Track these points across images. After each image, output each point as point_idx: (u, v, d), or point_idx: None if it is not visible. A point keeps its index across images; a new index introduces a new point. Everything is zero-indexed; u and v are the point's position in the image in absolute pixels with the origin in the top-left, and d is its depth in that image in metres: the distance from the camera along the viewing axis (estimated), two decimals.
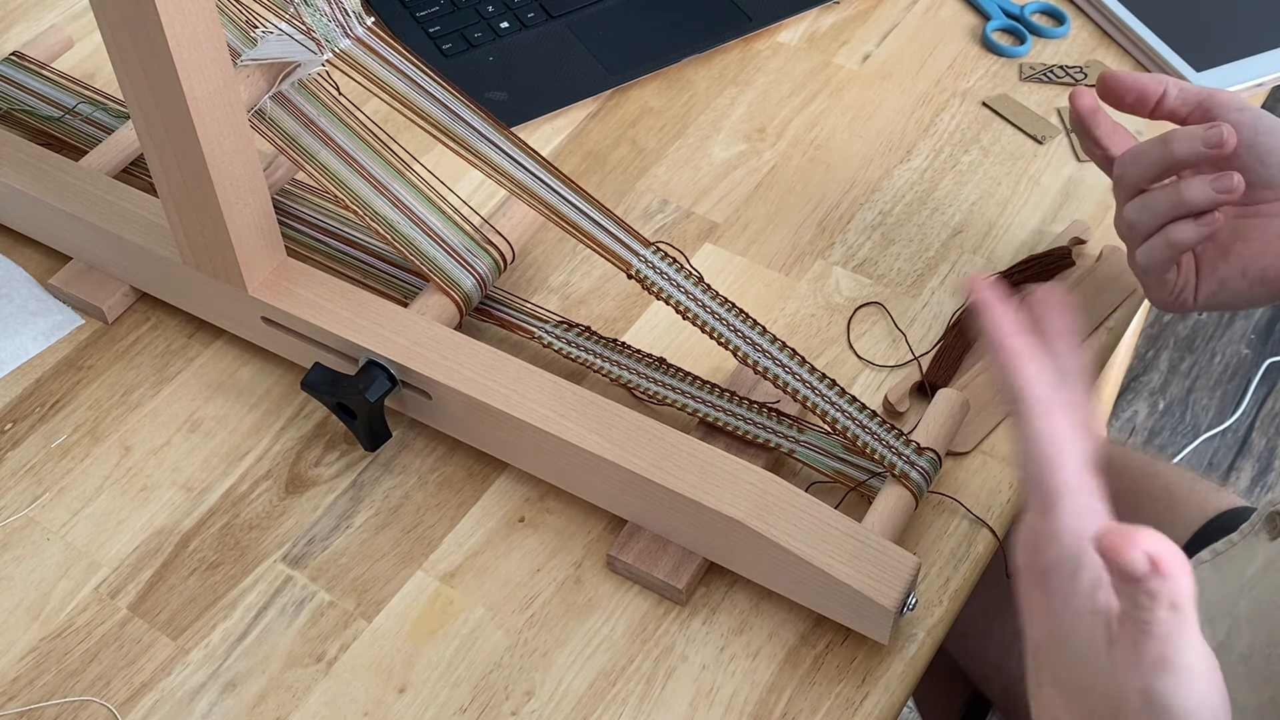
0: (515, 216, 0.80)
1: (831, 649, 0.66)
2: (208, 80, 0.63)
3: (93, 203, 0.78)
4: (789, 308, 0.81)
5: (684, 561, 0.68)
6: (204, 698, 0.66)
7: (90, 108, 0.88)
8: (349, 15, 0.73)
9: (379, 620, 0.68)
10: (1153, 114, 0.71)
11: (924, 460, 0.68)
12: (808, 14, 0.99)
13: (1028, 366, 0.51)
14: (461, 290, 0.76)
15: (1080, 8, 0.99)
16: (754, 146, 0.90)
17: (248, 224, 0.71)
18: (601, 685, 0.66)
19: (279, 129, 0.73)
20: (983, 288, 0.52)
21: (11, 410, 0.77)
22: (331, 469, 0.74)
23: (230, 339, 0.80)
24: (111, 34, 0.62)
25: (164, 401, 0.77)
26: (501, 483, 0.73)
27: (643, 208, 0.87)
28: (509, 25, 0.97)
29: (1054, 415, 0.50)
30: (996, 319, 0.51)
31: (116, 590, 0.70)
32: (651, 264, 0.72)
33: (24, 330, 0.79)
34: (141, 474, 0.74)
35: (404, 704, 0.65)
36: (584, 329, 0.76)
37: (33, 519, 0.72)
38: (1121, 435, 1.76)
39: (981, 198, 0.86)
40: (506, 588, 0.69)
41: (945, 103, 0.93)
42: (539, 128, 0.92)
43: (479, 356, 0.71)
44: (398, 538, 0.71)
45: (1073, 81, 0.93)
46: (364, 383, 0.70)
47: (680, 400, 0.72)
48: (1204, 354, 1.84)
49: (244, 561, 0.70)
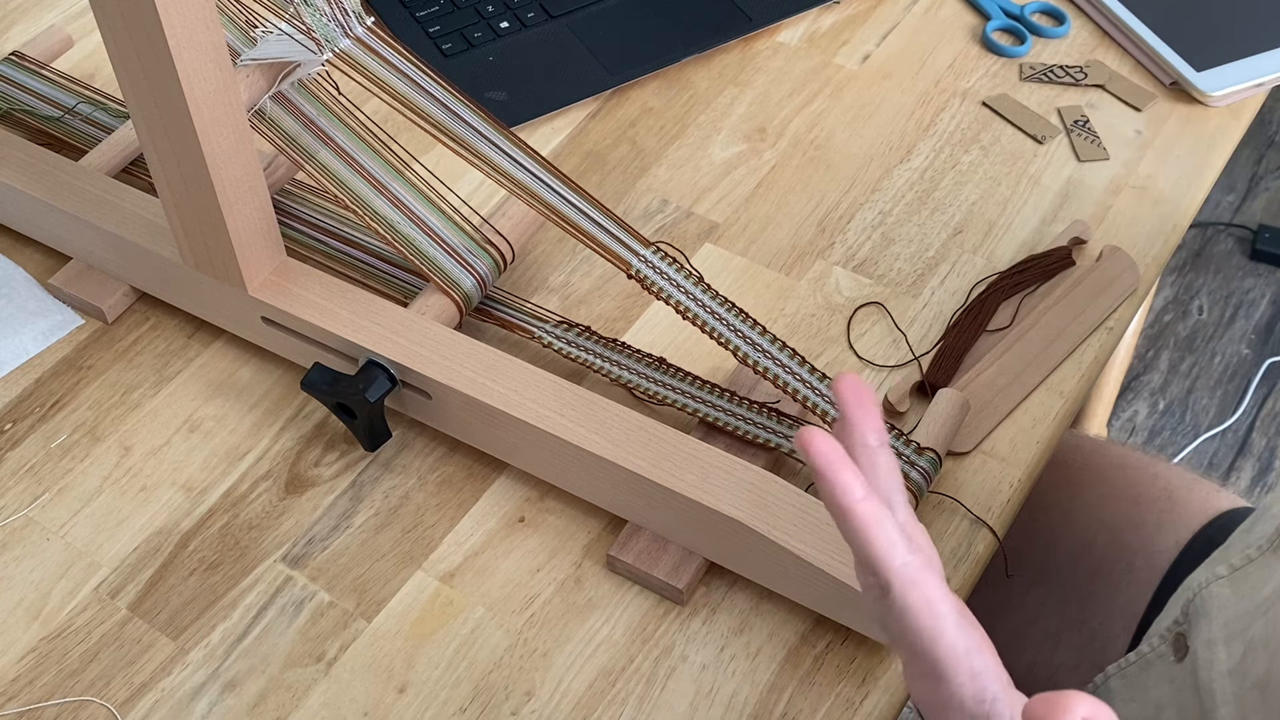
0: (515, 216, 0.80)
1: (831, 649, 0.66)
2: (208, 80, 0.63)
3: (93, 203, 0.78)
4: (789, 308, 0.81)
5: (684, 561, 0.68)
6: (204, 698, 0.66)
7: (90, 108, 0.88)
8: (349, 15, 0.73)
9: (379, 620, 0.68)
10: None
11: (924, 460, 0.68)
12: (808, 14, 0.99)
13: (880, 539, 0.47)
14: (461, 290, 0.76)
15: (1080, 8, 0.99)
16: (754, 146, 0.90)
17: (248, 224, 0.71)
18: (601, 685, 0.66)
19: (279, 129, 0.73)
20: (819, 444, 0.47)
21: (11, 410, 0.77)
22: (331, 469, 0.74)
23: (230, 339, 0.80)
24: (111, 34, 0.62)
25: (164, 401, 0.77)
26: (501, 483, 0.73)
27: (643, 208, 0.87)
28: (509, 25, 0.97)
29: (918, 583, 0.47)
30: (841, 482, 0.46)
31: (116, 590, 0.70)
32: (651, 264, 0.72)
33: (24, 330, 0.79)
34: (141, 474, 0.74)
35: (404, 704, 0.65)
36: (584, 329, 0.76)
37: (33, 519, 0.72)
38: (1121, 435, 1.75)
39: (981, 198, 0.86)
40: (506, 588, 0.69)
41: (945, 103, 0.93)
42: (539, 128, 0.92)
43: (479, 356, 0.71)
44: (398, 538, 0.71)
45: (1073, 81, 0.93)
46: (364, 383, 0.70)
47: (680, 400, 0.72)
48: (1204, 354, 1.84)
49: (244, 561, 0.70)
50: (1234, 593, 0.66)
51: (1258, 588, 0.64)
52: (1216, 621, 0.66)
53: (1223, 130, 0.90)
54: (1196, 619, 0.67)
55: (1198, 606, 0.68)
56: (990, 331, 0.78)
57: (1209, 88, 0.91)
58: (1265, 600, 0.63)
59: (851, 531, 0.47)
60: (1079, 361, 0.77)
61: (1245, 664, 0.63)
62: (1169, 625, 0.70)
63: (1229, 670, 0.64)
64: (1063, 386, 0.76)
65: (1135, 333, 1.60)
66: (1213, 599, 0.67)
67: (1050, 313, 0.79)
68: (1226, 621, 0.65)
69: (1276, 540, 0.65)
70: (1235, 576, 0.66)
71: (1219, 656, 0.64)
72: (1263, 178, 2.03)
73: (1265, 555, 0.65)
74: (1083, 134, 0.90)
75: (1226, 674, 0.64)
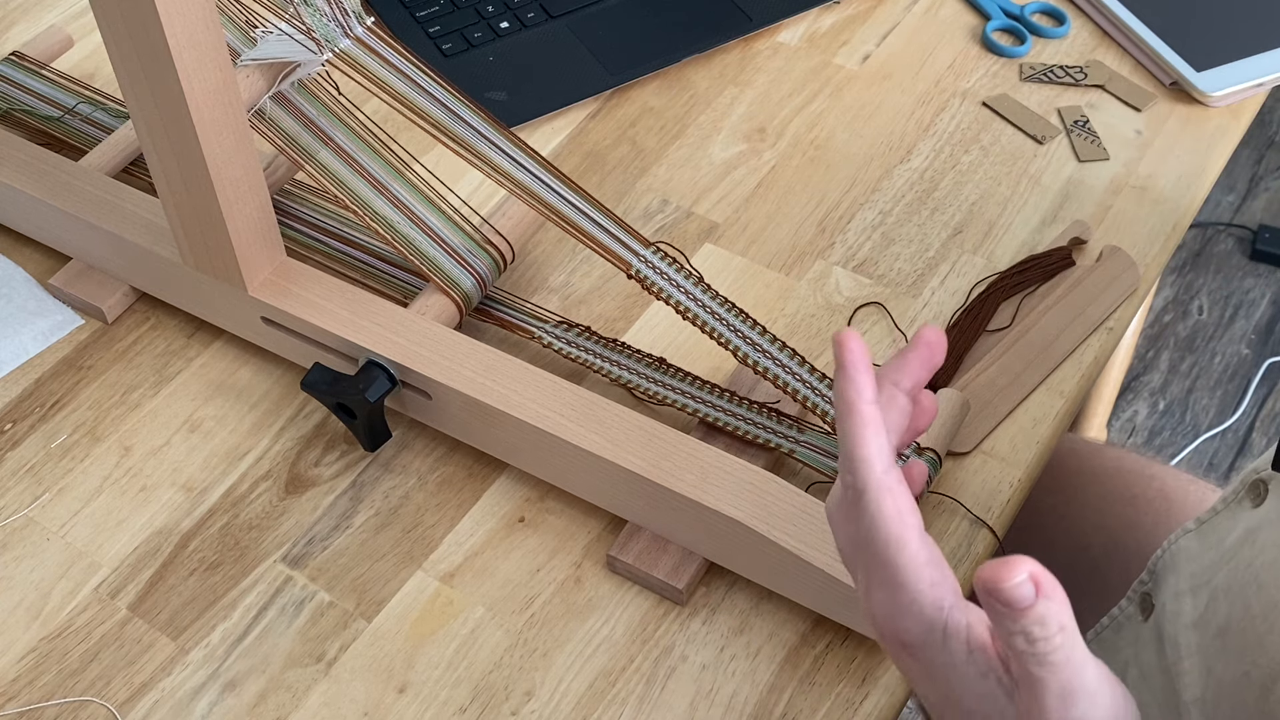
0: (515, 216, 0.80)
1: (831, 649, 0.66)
2: (208, 80, 0.63)
3: (93, 203, 0.78)
4: (789, 308, 0.81)
5: (684, 561, 0.68)
6: (204, 698, 0.66)
7: (90, 108, 0.88)
8: (349, 15, 0.73)
9: (379, 620, 0.68)
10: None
11: (924, 460, 0.68)
12: (808, 14, 0.99)
13: (871, 441, 0.48)
14: (461, 290, 0.76)
15: (1080, 8, 0.99)
16: (754, 146, 0.90)
17: (248, 224, 0.71)
18: (601, 685, 0.66)
19: (279, 129, 0.73)
20: (852, 343, 0.49)
21: (11, 410, 0.77)
22: (331, 469, 0.74)
23: (230, 339, 0.80)
24: (111, 34, 0.62)
25: (164, 401, 0.77)
26: (501, 483, 0.73)
27: (643, 208, 0.87)
28: (509, 25, 0.97)
29: (894, 492, 0.48)
30: (858, 381, 0.48)
31: (116, 590, 0.70)
32: (651, 264, 0.72)
33: (24, 330, 0.79)
34: (141, 474, 0.74)
35: (404, 704, 0.65)
36: (584, 329, 0.76)
37: (33, 519, 0.72)
38: (1121, 435, 1.76)
39: (981, 198, 0.86)
40: (506, 588, 0.69)
41: (945, 103, 0.93)
42: (539, 128, 0.92)
43: (479, 356, 0.71)
44: (397, 538, 0.71)
45: (1073, 81, 0.93)
46: (364, 383, 0.70)
47: (680, 400, 0.72)
48: (1204, 354, 1.84)
49: (244, 562, 0.70)
50: (1200, 545, 0.67)
51: (1223, 538, 0.65)
52: (1184, 574, 0.67)
53: (1223, 130, 0.90)
54: (1164, 574, 0.68)
55: (1165, 562, 0.69)
56: (990, 331, 0.78)
57: (1209, 88, 0.91)
58: (1229, 549, 0.64)
59: (847, 429, 0.49)
60: (1079, 361, 0.77)
61: (1208, 613, 0.64)
62: (1135, 585, 0.71)
63: (1193, 622, 0.65)
64: (1063, 386, 0.76)
65: (1135, 333, 1.60)
66: (1181, 553, 0.68)
67: (1050, 313, 0.79)
68: (1193, 574, 0.66)
69: (1241, 491, 0.65)
70: (1202, 529, 0.67)
71: (1185, 608, 0.65)
72: (1263, 178, 2.03)
73: (1230, 506, 0.66)
74: (1083, 134, 0.90)
75: (1191, 626, 0.65)
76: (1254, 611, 0.59)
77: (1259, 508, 0.63)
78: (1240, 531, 0.64)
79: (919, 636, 0.48)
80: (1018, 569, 0.42)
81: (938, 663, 0.48)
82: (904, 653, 0.49)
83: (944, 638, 0.48)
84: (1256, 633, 0.59)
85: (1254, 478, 0.64)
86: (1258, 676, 0.58)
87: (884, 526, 0.48)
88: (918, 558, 0.48)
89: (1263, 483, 0.64)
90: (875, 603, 0.49)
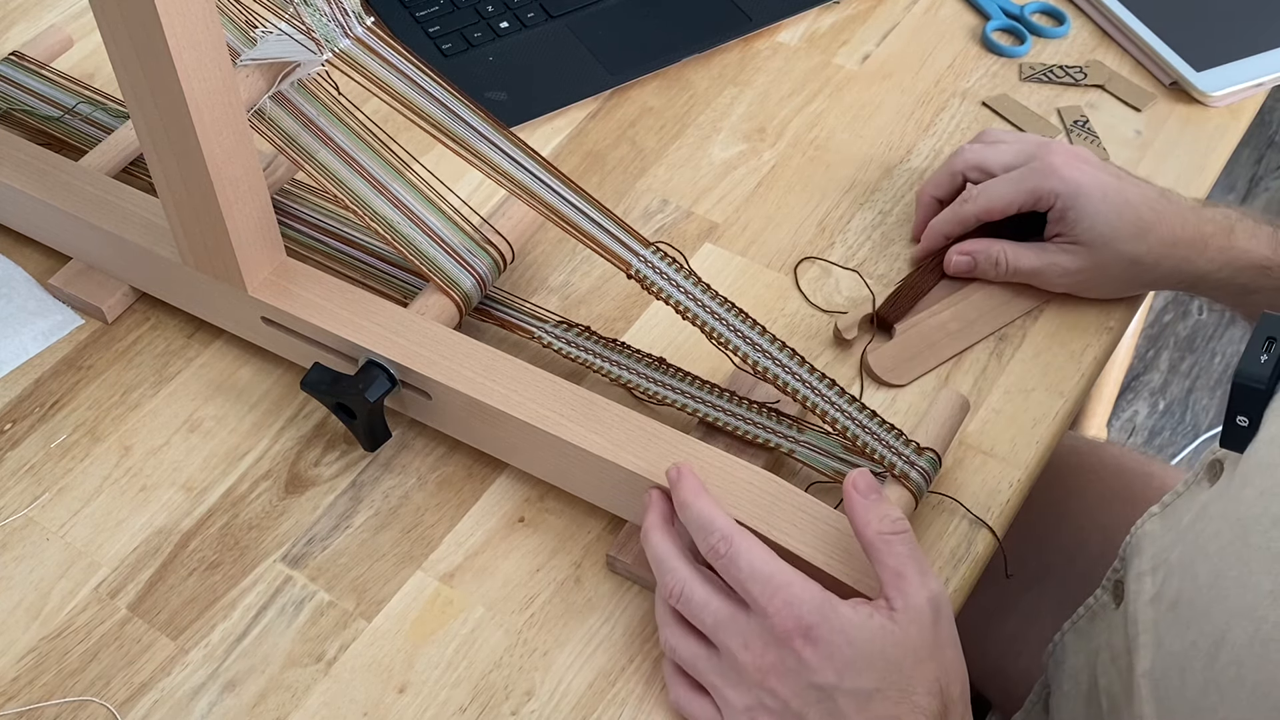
0: (515, 216, 0.80)
1: None
2: (208, 80, 0.63)
3: (93, 203, 0.78)
4: (789, 308, 0.81)
5: None
6: (204, 698, 0.66)
7: (90, 108, 0.88)
8: (348, 15, 0.73)
9: (379, 620, 0.68)
10: None
11: (924, 460, 0.68)
12: (808, 14, 0.99)
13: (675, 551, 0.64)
14: (461, 290, 0.76)
15: (1080, 8, 0.99)
16: (754, 146, 0.90)
17: (248, 224, 0.71)
18: (601, 685, 0.66)
19: (279, 129, 0.73)
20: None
21: (11, 410, 0.77)
22: (331, 469, 0.74)
23: (230, 339, 0.80)
24: (111, 34, 0.62)
25: (164, 401, 0.77)
26: (501, 483, 0.73)
27: (643, 208, 0.87)
28: (509, 25, 0.97)
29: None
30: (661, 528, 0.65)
31: (116, 590, 0.70)
32: (651, 264, 0.72)
33: (24, 330, 0.79)
34: (141, 474, 0.74)
35: (404, 704, 0.65)
36: (584, 329, 0.76)
37: (32, 519, 0.72)
38: (1121, 435, 1.75)
39: None
40: (506, 588, 0.69)
41: (945, 103, 0.93)
42: (539, 128, 0.92)
43: (478, 356, 0.71)
44: (397, 538, 0.71)
45: (1073, 81, 0.93)
46: (364, 383, 0.70)
47: (680, 400, 0.72)
48: (1204, 354, 1.84)
49: (244, 561, 0.70)
50: (1163, 526, 0.68)
51: (1181, 517, 0.66)
52: (1146, 555, 0.68)
53: (1222, 130, 0.90)
54: (1131, 558, 0.70)
55: (1132, 546, 0.70)
56: (954, 279, 0.80)
57: (1209, 88, 0.91)
58: (1185, 527, 0.65)
59: (659, 551, 0.65)
60: (1079, 361, 0.77)
61: (1164, 589, 0.65)
62: (1108, 574, 0.73)
63: (1151, 598, 0.66)
64: (1063, 386, 0.76)
65: (1135, 333, 1.60)
66: (1145, 536, 0.70)
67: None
68: (1154, 554, 0.67)
69: (1201, 472, 0.66)
70: (1165, 511, 0.69)
71: (1145, 587, 0.67)
72: (1263, 178, 2.03)
73: (1191, 488, 0.67)
74: (1083, 134, 0.90)
75: (1149, 603, 0.66)
76: (1201, 581, 0.60)
77: (1215, 486, 0.64)
78: (1195, 510, 0.65)
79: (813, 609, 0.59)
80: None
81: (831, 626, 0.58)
82: (806, 643, 0.58)
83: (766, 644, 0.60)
84: (1204, 602, 0.60)
85: (1211, 458, 0.66)
86: (1204, 645, 0.59)
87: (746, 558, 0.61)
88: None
89: (1219, 462, 0.65)
90: (775, 613, 0.59)
